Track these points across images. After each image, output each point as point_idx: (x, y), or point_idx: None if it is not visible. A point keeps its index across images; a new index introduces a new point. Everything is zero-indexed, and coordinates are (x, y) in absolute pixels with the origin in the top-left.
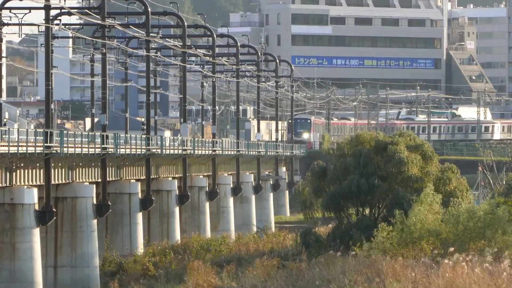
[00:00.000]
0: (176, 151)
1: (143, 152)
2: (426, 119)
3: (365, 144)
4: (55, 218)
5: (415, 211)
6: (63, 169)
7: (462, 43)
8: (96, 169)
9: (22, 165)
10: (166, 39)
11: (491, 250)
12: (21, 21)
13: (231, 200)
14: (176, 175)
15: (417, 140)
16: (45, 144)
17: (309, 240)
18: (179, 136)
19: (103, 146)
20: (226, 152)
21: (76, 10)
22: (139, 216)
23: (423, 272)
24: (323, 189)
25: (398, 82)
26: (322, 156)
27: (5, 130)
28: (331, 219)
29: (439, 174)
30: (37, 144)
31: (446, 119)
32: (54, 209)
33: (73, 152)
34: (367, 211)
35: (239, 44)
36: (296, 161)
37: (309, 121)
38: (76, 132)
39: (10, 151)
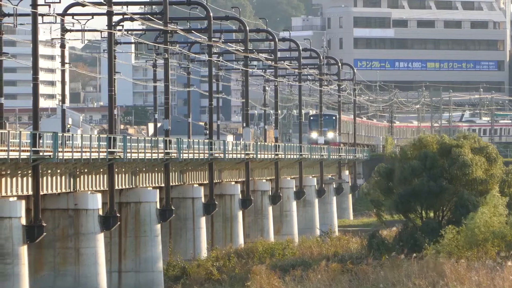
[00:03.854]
0: (238, 156)
1: (206, 157)
2: (489, 121)
3: (428, 147)
4: (119, 223)
5: (480, 214)
6: (127, 174)
7: None
8: (159, 174)
9: (86, 170)
10: (228, 43)
11: None
12: (84, 27)
13: (294, 204)
14: (239, 180)
15: (481, 143)
16: (109, 150)
17: (375, 243)
18: (241, 140)
19: (166, 151)
20: (289, 156)
21: (138, 16)
22: (203, 221)
23: (487, 274)
24: (391, 190)
25: (461, 84)
26: (386, 159)
27: (69, 136)
28: (395, 222)
29: (503, 176)
30: (101, 150)
31: (510, 121)
32: (118, 214)
33: (137, 157)
34: (431, 214)
35: (301, 48)
36: (359, 164)
37: (334, 118)
38: (139, 138)
39: (74, 157)
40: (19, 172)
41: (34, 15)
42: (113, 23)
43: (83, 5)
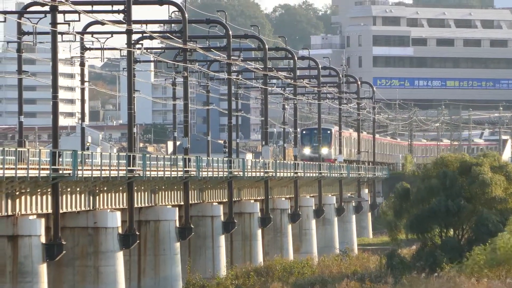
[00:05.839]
0: (258, 174)
1: (225, 175)
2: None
3: (449, 166)
4: (138, 241)
5: (503, 234)
6: (146, 193)
7: None
8: (178, 192)
9: (105, 188)
10: (247, 62)
11: None
12: (103, 45)
13: (313, 222)
14: (258, 198)
15: (501, 161)
16: (128, 168)
17: (394, 262)
18: (260, 158)
19: (185, 169)
20: (308, 174)
21: (157, 34)
22: (222, 239)
23: None
24: (405, 211)
25: (480, 102)
26: (405, 177)
27: (88, 154)
28: (414, 241)
29: None
30: (120, 168)
31: None
32: (137, 233)
33: (156, 175)
34: (450, 232)
35: (320, 66)
36: (379, 182)
37: (329, 132)
38: (159, 156)
39: (94, 175)
40: (38, 190)
41: (54, 33)
42: (133, 41)
43: (103, 24)
